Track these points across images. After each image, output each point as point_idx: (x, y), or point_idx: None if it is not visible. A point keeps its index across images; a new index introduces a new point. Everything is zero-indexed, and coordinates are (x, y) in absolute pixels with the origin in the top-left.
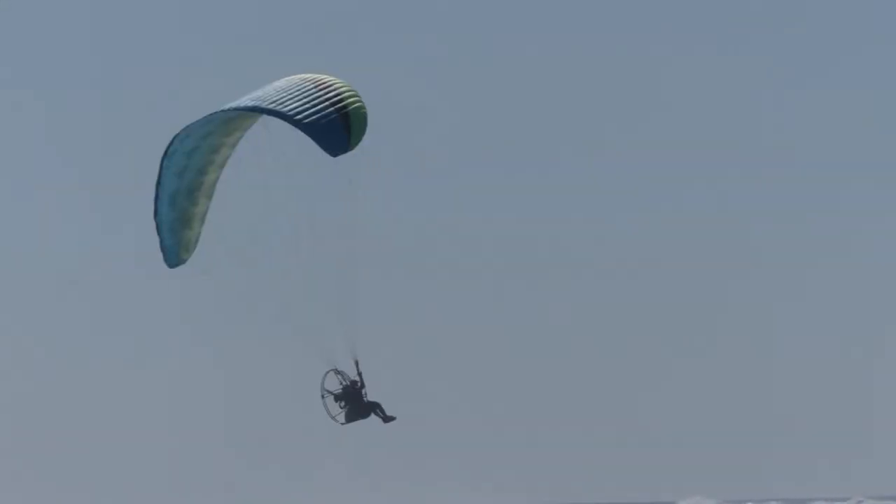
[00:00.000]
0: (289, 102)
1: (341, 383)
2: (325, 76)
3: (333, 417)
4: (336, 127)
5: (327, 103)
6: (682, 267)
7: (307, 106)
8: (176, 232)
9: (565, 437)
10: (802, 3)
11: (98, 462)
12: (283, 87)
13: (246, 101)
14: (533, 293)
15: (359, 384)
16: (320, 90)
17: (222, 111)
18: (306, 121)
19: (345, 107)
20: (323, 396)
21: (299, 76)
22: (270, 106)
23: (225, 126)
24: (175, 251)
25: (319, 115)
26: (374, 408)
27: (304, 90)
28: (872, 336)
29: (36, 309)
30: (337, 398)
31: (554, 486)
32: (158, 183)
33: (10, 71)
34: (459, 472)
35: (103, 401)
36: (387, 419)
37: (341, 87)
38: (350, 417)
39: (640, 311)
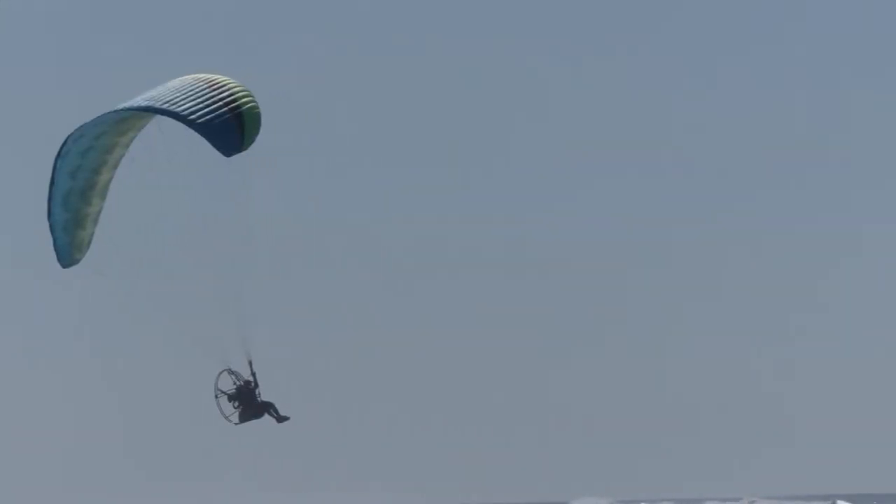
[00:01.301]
0: (182, 102)
1: (235, 383)
2: (219, 76)
3: (227, 417)
4: (229, 127)
5: (221, 103)
6: (577, 266)
7: (200, 106)
8: (69, 232)
9: (456, 438)
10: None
11: None
12: (176, 86)
13: (139, 100)
14: (424, 291)
15: (252, 384)
16: (214, 90)
17: (115, 111)
18: (200, 121)
19: (238, 107)
20: (216, 396)
21: (192, 76)
22: (164, 106)
23: (118, 126)
24: (68, 251)
25: (213, 115)
26: (268, 408)
27: (197, 90)
28: (765, 337)
29: None
30: (231, 398)
31: (444, 487)
32: (52, 183)
33: None
34: (346, 472)
35: None
36: (280, 419)
37: (235, 87)
38: (244, 417)
39: (532, 310)
